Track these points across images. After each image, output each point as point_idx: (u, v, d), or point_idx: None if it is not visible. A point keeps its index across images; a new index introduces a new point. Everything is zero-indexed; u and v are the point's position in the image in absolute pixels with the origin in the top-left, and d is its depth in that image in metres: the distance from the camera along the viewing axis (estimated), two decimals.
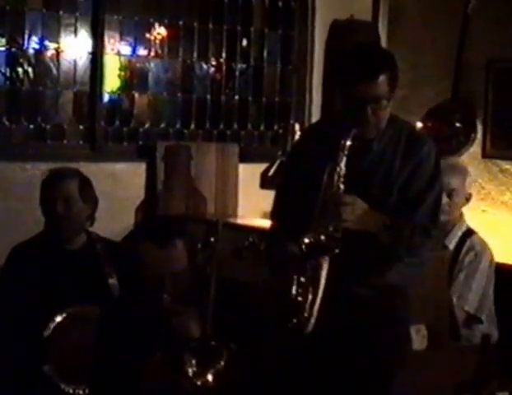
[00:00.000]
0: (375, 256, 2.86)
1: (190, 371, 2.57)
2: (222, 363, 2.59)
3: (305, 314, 2.75)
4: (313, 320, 2.75)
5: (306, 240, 2.72)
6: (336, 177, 2.77)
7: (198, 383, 2.57)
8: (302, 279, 2.76)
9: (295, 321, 2.76)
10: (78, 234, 3.59)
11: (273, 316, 2.90)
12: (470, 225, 4.28)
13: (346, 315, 2.88)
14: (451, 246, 4.21)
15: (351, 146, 2.80)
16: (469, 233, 4.24)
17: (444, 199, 4.25)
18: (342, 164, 2.77)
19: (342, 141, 2.78)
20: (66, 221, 3.52)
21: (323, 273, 2.74)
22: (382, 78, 2.79)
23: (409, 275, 2.97)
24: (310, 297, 2.74)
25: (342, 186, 2.76)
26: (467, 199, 4.27)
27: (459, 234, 4.23)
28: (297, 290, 2.76)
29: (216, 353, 2.60)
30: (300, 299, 2.75)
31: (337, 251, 2.71)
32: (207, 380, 2.57)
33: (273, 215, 3.14)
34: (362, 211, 2.76)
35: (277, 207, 3.11)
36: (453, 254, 4.18)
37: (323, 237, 2.71)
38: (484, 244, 4.21)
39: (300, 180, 2.95)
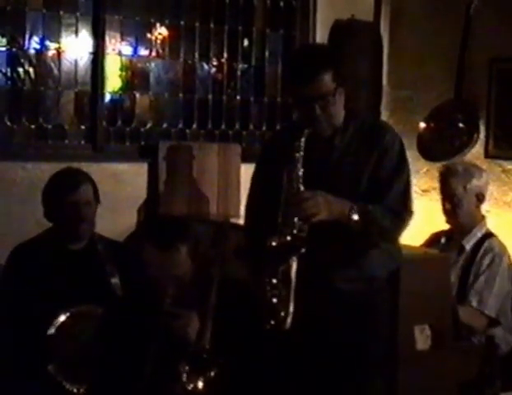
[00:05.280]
0: (351, 247, 2.91)
1: (183, 376, 2.60)
2: (212, 373, 2.61)
3: (282, 314, 2.80)
4: (290, 318, 2.80)
5: (273, 244, 2.77)
6: (294, 178, 2.83)
7: (189, 388, 2.59)
8: (274, 280, 2.81)
9: (272, 322, 2.81)
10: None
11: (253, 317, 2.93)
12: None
13: (329, 311, 2.94)
14: (468, 246, 4.20)
15: (314, 147, 2.88)
16: (488, 235, 4.22)
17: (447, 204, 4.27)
18: (299, 165, 2.84)
19: (296, 143, 2.86)
20: (86, 224, 3.56)
21: (293, 273, 2.79)
22: (323, 76, 2.87)
23: (387, 264, 3.05)
24: (284, 297, 2.80)
25: (301, 186, 2.83)
26: (480, 199, 4.25)
27: (478, 235, 4.22)
28: (271, 292, 2.81)
29: (207, 363, 2.62)
30: (274, 300, 2.81)
31: (303, 250, 2.77)
32: (198, 386, 2.60)
33: (247, 214, 3.23)
34: (325, 201, 2.80)
35: (250, 206, 3.21)
36: (470, 255, 4.17)
37: (288, 238, 2.77)
38: (503, 247, 4.19)
39: (266, 185, 3.04)
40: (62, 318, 3.35)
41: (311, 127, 2.90)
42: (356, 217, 2.83)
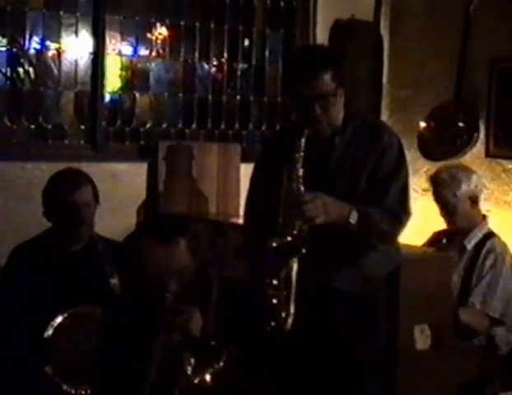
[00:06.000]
0: (350, 247, 2.92)
1: (188, 369, 2.58)
2: (221, 363, 2.59)
3: (283, 314, 2.81)
4: (291, 319, 2.80)
5: (273, 244, 2.77)
6: (294, 178, 2.83)
7: (196, 381, 2.58)
8: (274, 281, 2.81)
9: (273, 323, 2.81)
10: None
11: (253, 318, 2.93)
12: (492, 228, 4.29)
13: (329, 312, 2.96)
14: (469, 246, 4.19)
15: (314, 147, 2.88)
16: (490, 235, 4.22)
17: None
18: (299, 166, 2.84)
19: (296, 143, 2.86)
20: (85, 227, 3.56)
21: (294, 273, 2.80)
22: (323, 76, 2.87)
23: (386, 264, 3.07)
24: (285, 298, 2.80)
25: (301, 187, 2.83)
26: (474, 201, 4.24)
27: (480, 235, 4.22)
28: (271, 293, 2.82)
29: (215, 353, 2.61)
30: (274, 301, 2.81)
31: (303, 251, 2.77)
32: (205, 379, 2.58)
33: (246, 214, 3.24)
34: (324, 204, 2.80)
35: (249, 206, 3.22)
36: (472, 255, 4.16)
37: (289, 238, 2.77)
38: (505, 247, 4.19)
39: (265, 185, 3.05)
40: (60, 319, 3.34)
41: (311, 127, 2.90)
42: (354, 220, 2.83)
